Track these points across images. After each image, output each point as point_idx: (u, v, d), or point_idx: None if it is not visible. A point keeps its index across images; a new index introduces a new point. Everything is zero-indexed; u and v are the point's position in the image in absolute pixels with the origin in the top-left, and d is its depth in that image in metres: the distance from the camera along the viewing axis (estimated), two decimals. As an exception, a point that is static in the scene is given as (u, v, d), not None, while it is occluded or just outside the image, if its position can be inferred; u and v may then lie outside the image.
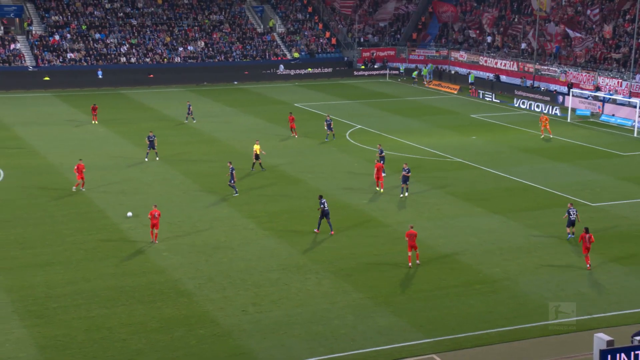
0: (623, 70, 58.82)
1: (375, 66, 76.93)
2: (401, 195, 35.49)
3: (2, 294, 24.59)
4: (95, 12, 73.97)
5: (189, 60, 72.37)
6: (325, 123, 47.50)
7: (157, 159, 41.73)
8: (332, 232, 30.45)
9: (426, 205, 34.39)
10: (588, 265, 27.11)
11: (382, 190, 36.11)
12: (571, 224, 29.67)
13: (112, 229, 30.82)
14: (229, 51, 74.30)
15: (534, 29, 67.05)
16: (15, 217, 32.16)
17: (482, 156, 43.51)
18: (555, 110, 57.52)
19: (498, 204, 34.64)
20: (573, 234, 29.74)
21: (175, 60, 72.06)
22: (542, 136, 48.97)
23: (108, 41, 71.50)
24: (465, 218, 32.70)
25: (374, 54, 78.06)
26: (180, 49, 72.98)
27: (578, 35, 62.18)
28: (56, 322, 22.90)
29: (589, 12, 63.78)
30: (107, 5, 74.97)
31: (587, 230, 26.97)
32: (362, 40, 79.47)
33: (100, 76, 67.43)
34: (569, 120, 54.63)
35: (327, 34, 79.02)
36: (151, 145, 41.52)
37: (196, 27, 75.56)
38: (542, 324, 23.19)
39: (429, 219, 32.48)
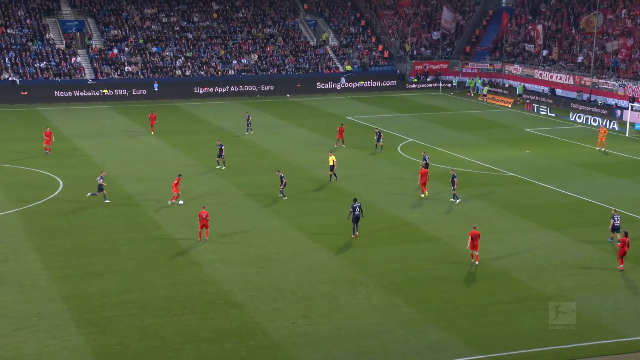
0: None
1: (428, 79, 76.57)
2: (452, 200, 36.25)
3: (59, 302, 25.19)
4: (152, 26, 75.58)
5: (243, 73, 73.24)
6: (375, 134, 47.76)
7: (224, 167, 42.61)
8: (355, 235, 31.20)
9: (478, 219, 33.96)
10: (621, 267, 27.66)
11: (427, 194, 36.75)
12: (616, 229, 30.34)
13: (165, 240, 31.29)
14: (282, 64, 74.94)
15: (592, 42, 65.82)
16: (73, 226, 32.93)
17: (536, 170, 42.82)
18: (613, 124, 56.28)
19: (552, 219, 34.01)
20: (612, 238, 30.56)
21: (229, 73, 73.03)
22: (598, 148, 48.03)
23: (164, 54, 72.92)
24: (518, 233, 32.19)
25: (427, 67, 77.74)
26: (234, 62, 73.94)
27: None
28: (111, 330, 23.33)
29: None
30: (164, 20, 76.51)
31: (626, 234, 27.71)
32: (414, 53, 79.22)
33: (156, 89, 68.77)
34: (627, 134, 53.38)
35: (380, 47, 79.05)
36: (219, 154, 42.67)
37: (250, 41, 76.47)
38: (599, 343, 22.63)
39: (481, 233, 32.04)
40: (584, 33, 66.25)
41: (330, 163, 39.89)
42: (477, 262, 28.45)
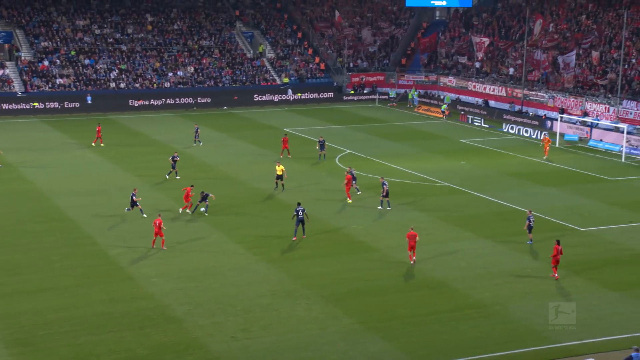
0: (610, 96, 59.46)
1: (365, 91, 77.43)
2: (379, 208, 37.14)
3: (-11, 321, 24.37)
4: (84, 38, 74.22)
5: (179, 86, 72.59)
6: (318, 143, 48.30)
7: (178, 177, 42.73)
8: (304, 236, 32.39)
9: (415, 230, 34.36)
10: (556, 275, 28.38)
11: (350, 200, 38.26)
12: (530, 229, 32.21)
13: (100, 255, 30.67)
14: (218, 76, 74.60)
15: (522, 55, 67.80)
16: (4, 243, 31.96)
17: (472, 181, 43.71)
18: (544, 135, 57.91)
19: (487, 228, 34.75)
20: (531, 240, 32.17)
21: (165, 85, 72.27)
22: (544, 157, 49.89)
23: (97, 67, 71.67)
24: (455, 243, 32.76)
25: (363, 79, 78.61)
26: (170, 74, 73.24)
27: (568, 61, 62.78)
28: (43, 349, 22.69)
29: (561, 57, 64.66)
30: (97, 31, 75.25)
31: (558, 243, 28.35)
32: (351, 65, 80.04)
33: (89, 101, 67.48)
34: (557, 145, 55.03)
35: (317, 59, 79.56)
36: (174, 165, 42.80)
37: (186, 53, 75.89)
38: (534, 350, 23.18)
39: (419, 243, 32.45)
40: (530, 44, 68.00)
41: (279, 172, 40.25)
42: (413, 260, 29.80)
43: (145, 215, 35.17)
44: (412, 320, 25.04)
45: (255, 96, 72.77)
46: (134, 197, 35.31)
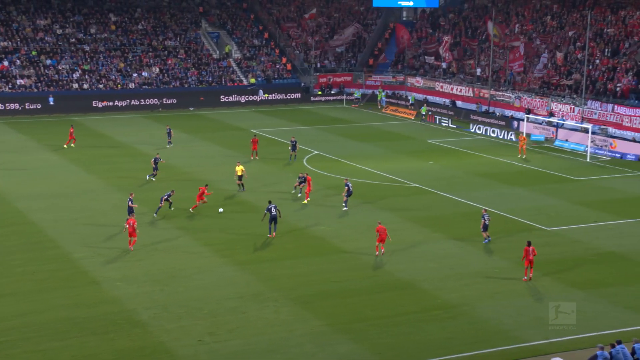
0: (575, 96, 60.34)
1: (332, 92, 77.55)
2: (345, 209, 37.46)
3: (-53, 328, 23.88)
4: (46, 38, 73.19)
5: (144, 87, 71.95)
6: (290, 143, 48.38)
7: (154, 179, 42.45)
8: (273, 235, 32.73)
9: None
10: (525, 278, 28.42)
11: (306, 201, 38.58)
12: (485, 228, 32.46)
13: (63, 259, 30.25)
14: (184, 77, 74.12)
15: (489, 56, 68.49)
16: (-38, 247, 31.35)
17: (440, 181, 44.01)
18: (511, 135, 58.57)
19: (456, 229, 35.01)
20: (488, 237, 32.56)
21: (130, 86, 71.59)
22: (520, 155, 50.58)
23: (59, 67, 70.73)
24: (424, 243, 32.96)
25: (331, 80, 78.72)
26: (135, 74, 72.56)
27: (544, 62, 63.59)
28: (4, 357, 22.27)
29: (538, 41, 65.41)
30: (59, 31, 74.26)
31: (529, 244, 28.42)
32: (318, 66, 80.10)
33: (51, 102, 66.55)
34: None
35: (284, 60, 79.49)
36: (156, 167, 42.86)
37: (150, 53, 75.25)
38: (501, 349, 23.40)
39: (387, 244, 32.64)
40: (494, 43, 68.69)
41: (239, 173, 40.14)
42: (381, 251, 30.84)
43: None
44: (380, 321, 25.12)
45: (221, 97, 72.44)
46: (130, 203, 34.00)
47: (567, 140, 56.23)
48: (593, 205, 39.42)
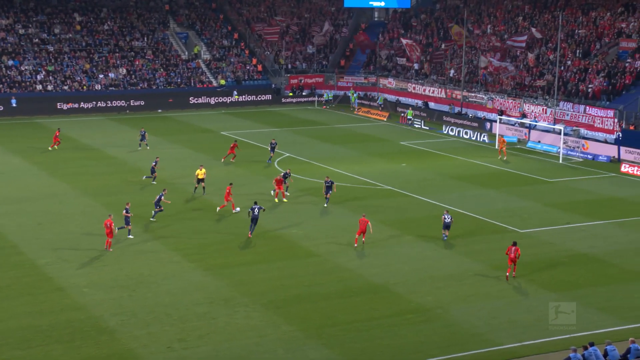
0: (547, 97, 61.06)
1: (304, 93, 77.57)
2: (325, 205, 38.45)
3: None
4: (8, 38, 72.21)
5: (110, 88, 71.33)
6: (270, 145, 49.02)
7: (154, 182, 42.52)
8: (250, 236, 33.24)
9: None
10: (507, 276, 29.18)
11: (277, 200, 39.35)
12: (446, 227, 33.64)
13: (27, 266, 29.83)
14: (152, 78, 73.63)
15: (461, 57, 69.05)
16: None
17: (412, 184, 44.23)
18: (484, 136, 59.07)
19: (429, 231, 35.20)
20: (446, 235, 33.71)
21: (96, 87, 70.91)
22: (500, 157, 51.24)
23: (22, 68, 69.83)
24: (397, 246, 33.08)
25: (302, 81, 78.75)
26: (101, 76, 71.91)
27: (504, 65, 64.25)
28: (-34, 366, 21.93)
29: (511, 42, 65.98)
30: (21, 31, 73.32)
31: (514, 244, 29.28)
32: (289, 67, 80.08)
33: (14, 104, 65.66)
34: (497, 146, 56.13)
35: (254, 61, 79.35)
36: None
37: (117, 54, 74.63)
38: (475, 353, 23.56)
39: (360, 247, 32.72)
40: (455, 42, 69.33)
41: (201, 176, 40.24)
42: (362, 241, 32.51)
43: (131, 237, 33.40)
44: (353, 326, 25.15)
45: (190, 99, 72.07)
46: (125, 212, 33.28)
47: (539, 141, 56.87)
48: (565, 207, 39.90)
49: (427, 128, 63.72)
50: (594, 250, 32.85)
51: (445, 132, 62.04)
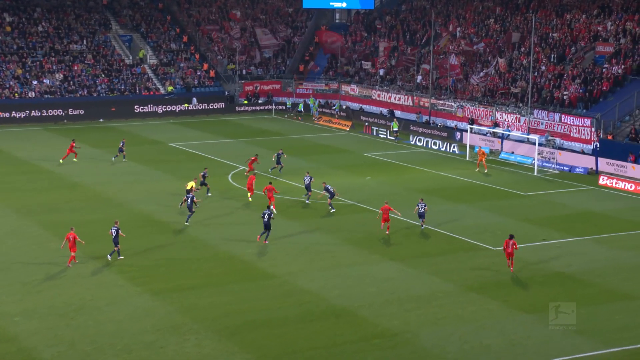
0: (521, 105, 61.99)
1: (260, 101, 77.63)
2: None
3: None
4: None
5: (46, 96, 70.50)
6: (275, 156, 50.35)
7: (209, 194, 44.31)
8: (265, 242, 35.43)
9: (318, 253, 34.69)
10: (511, 269, 32.59)
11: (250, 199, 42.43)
12: (421, 216, 38.24)
13: (-47, 292, 29.24)
14: (92, 85, 72.99)
15: (429, 62, 69.84)
16: None
17: (378, 198, 44.44)
18: (454, 147, 59.68)
19: (396, 250, 35.41)
20: (422, 225, 38.28)
21: (29, 95, 70.01)
22: (478, 169, 52.05)
23: (-53, 73, 68.74)
24: (362, 266, 33.20)
25: (258, 88, 78.83)
26: (35, 82, 71.06)
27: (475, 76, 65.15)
28: None
29: (479, 46, 67.05)
30: (-56, 33, 72.31)
31: (511, 237, 32.38)
32: (244, 72, 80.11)
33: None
34: (467, 158, 56.83)
35: (205, 66, 79.22)
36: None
37: (53, 58, 73.85)
38: (446, 380, 23.71)
39: (322, 268, 32.76)
40: (435, 51, 70.14)
41: (188, 187, 40.41)
42: (387, 232, 37.37)
43: (121, 257, 33.15)
44: (315, 353, 25.14)
45: (136, 107, 71.61)
46: (113, 231, 32.84)
47: (513, 152, 57.67)
48: (541, 222, 40.50)
49: (393, 138, 64.21)
50: (572, 269, 33.39)
51: (413, 142, 62.57)
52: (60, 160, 51.65)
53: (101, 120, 69.51)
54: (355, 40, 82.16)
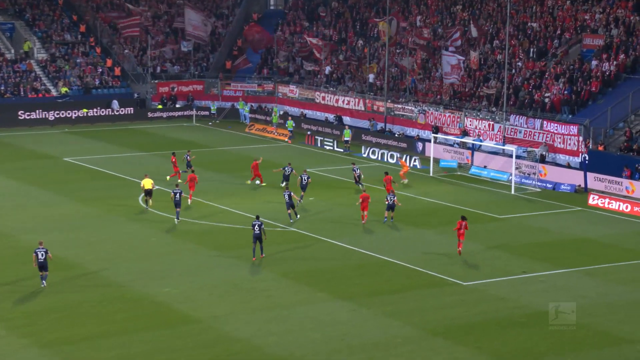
0: (494, 109, 62.61)
1: (177, 105, 77.22)
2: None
3: None
4: None
5: None
6: (282, 170, 51.44)
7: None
8: (262, 255, 38.01)
9: (253, 291, 34.51)
10: (459, 250, 38.42)
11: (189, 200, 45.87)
12: (390, 208, 43.04)
13: None
14: (-34, 85, 71.90)
15: (384, 56, 70.36)
16: None
17: (323, 223, 44.48)
18: (415, 161, 59.97)
19: (345, 286, 35.39)
20: (388, 217, 43.35)
21: None
22: (402, 181, 52.94)
23: None
24: (304, 307, 33.11)
25: (175, 89, 78.40)
26: None
27: (453, 62, 65.09)
28: None
29: (450, 41, 67.89)
30: None
31: (463, 218, 38.48)
32: (158, 70, 79.62)
33: None
34: (431, 174, 57.25)
35: (109, 62, 78.54)
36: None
37: None
38: None
39: (257, 309, 32.58)
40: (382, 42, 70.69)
41: (149, 186, 43.48)
42: (363, 222, 42.92)
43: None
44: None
45: (20, 113, 70.79)
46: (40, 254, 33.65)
47: (485, 166, 58.26)
48: (520, 251, 40.93)
49: (342, 150, 64.43)
50: (557, 307, 33.69)
51: (365, 155, 62.82)
52: (168, 178, 52.27)
53: (-23, 129, 68.47)
54: (295, 32, 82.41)
